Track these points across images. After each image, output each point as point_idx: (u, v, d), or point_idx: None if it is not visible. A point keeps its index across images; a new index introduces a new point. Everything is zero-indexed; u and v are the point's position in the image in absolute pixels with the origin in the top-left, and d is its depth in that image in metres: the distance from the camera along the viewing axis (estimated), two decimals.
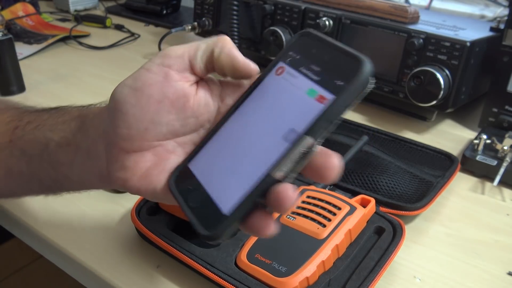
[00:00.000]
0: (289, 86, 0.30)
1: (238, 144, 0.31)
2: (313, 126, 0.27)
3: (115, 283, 0.42)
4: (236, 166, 0.30)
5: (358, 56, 0.27)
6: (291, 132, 0.28)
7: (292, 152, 0.27)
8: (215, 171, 0.31)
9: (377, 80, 0.72)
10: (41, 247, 0.48)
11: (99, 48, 0.99)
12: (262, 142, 0.29)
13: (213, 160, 0.32)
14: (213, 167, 0.31)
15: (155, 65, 0.32)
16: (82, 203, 0.51)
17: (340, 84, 0.27)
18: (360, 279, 0.40)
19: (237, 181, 0.29)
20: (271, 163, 0.28)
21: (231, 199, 0.28)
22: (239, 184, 0.29)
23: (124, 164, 0.32)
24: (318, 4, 0.78)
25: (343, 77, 0.27)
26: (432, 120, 0.73)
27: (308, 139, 0.27)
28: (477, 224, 0.52)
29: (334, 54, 0.29)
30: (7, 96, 0.76)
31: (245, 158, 0.30)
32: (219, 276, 0.39)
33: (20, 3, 1.09)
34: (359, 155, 0.57)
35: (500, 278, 0.45)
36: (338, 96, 0.27)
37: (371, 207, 0.46)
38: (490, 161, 0.58)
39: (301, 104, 0.29)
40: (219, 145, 0.32)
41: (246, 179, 0.28)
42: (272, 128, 0.29)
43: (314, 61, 0.30)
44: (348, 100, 0.27)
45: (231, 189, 0.29)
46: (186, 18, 1.19)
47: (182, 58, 0.32)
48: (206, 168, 0.32)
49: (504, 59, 0.65)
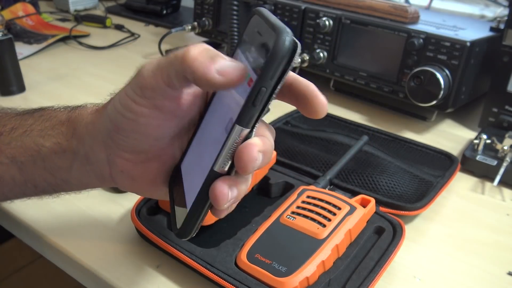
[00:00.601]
0: None
1: (202, 142, 0.31)
2: (240, 114, 0.25)
3: (115, 283, 0.42)
4: (200, 162, 0.30)
5: (277, 27, 0.24)
6: (229, 123, 0.27)
7: (226, 145, 0.26)
8: (190, 169, 0.32)
9: (377, 80, 0.72)
10: (41, 247, 0.48)
11: (99, 48, 0.99)
12: (213, 137, 0.29)
13: (191, 158, 0.32)
14: (189, 166, 0.32)
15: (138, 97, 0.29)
16: (82, 203, 0.51)
17: (261, 62, 0.25)
18: (360, 279, 0.40)
19: (197, 179, 0.29)
20: (213, 158, 0.27)
21: (192, 197, 0.29)
22: (197, 182, 0.28)
23: (130, 174, 0.33)
24: (318, 4, 0.78)
25: (265, 54, 0.24)
26: (432, 120, 0.73)
27: (237, 127, 0.26)
28: (477, 224, 0.52)
29: (266, 30, 0.25)
30: (7, 96, 0.76)
31: (206, 154, 0.29)
32: (219, 276, 0.39)
33: (20, 3, 1.09)
34: (359, 155, 0.57)
35: (500, 278, 0.45)
36: (259, 76, 0.24)
37: (371, 207, 0.46)
38: (490, 161, 0.58)
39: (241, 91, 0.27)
40: (194, 144, 0.33)
41: (202, 175, 0.28)
42: (220, 122, 0.28)
43: (253, 42, 0.27)
44: (269, 77, 0.24)
45: (194, 186, 0.29)
46: (186, 18, 1.19)
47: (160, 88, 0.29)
48: (187, 167, 0.32)
49: (504, 59, 0.64)
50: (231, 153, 0.26)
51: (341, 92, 0.82)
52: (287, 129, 0.65)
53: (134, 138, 0.31)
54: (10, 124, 0.37)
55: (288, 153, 0.59)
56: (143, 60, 0.94)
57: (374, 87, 0.73)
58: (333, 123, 0.68)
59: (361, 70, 0.74)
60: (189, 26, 0.93)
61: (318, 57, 0.77)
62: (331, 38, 0.75)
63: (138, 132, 0.31)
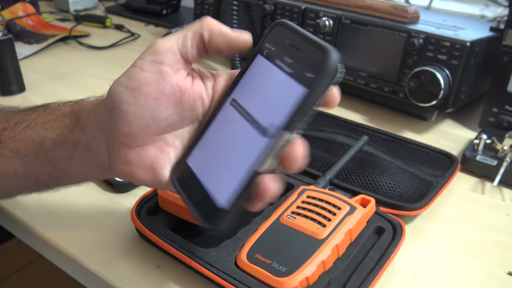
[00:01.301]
0: (266, 79, 0.31)
1: (226, 139, 0.32)
2: (289, 120, 0.28)
3: (115, 283, 0.42)
4: (225, 160, 0.31)
5: (325, 47, 0.28)
6: (270, 127, 0.29)
7: (272, 148, 0.28)
8: (209, 166, 0.32)
9: (377, 80, 0.72)
10: (41, 247, 0.48)
11: (99, 48, 0.99)
12: (245, 138, 0.30)
13: (207, 155, 0.33)
14: (207, 162, 0.32)
15: (147, 62, 0.32)
16: (82, 203, 0.51)
17: (311, 76, 0.28)
18: (360, 279, 0.40)
19: (228, 176, 0.30)
20: (254, 159, 0.29)
21: (224, 193, 0.30)
22: (229, 179, 0.30)
23: (127, 158, 0.33)
24: (318, 4, 0.78)
25: (313, 69, 0.28)
26: (432, 120, 0.73)
27: (285, 133, 0.28)
28: (477, 224, 0.52)
29: (303, 44, 0.30)
30: (7, 96, 0.76)
31: (233, 153, 0.31)
32: (219, 276, 0.39)
33: (20, 3, 1.09)
34: (359, 155, 0.57)
35: (500, 278, 0.45)
36: (310, 88, 0.28)
37: (371, 207, 0.46)
38: (490, 161, 0.58)
39: (276, 97, 0.30)
40: (210, 140, 0.33)
41: (235, 173, 0.30)
42: (253, 123, 0.30)
43: (286, 52, 0.30)
44: (320, 91, 0.28)
45: (223, 183, 0.30)
46: (186, 18, 1.19)
47: (172, 51, 0.32)
48: (201, 163, 0.33)
49: (504, 59, 0.64)
50: (275, 155, 0.29)
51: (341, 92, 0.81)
52: None
53: (132, 113, 0.32)
54: (14, 119, 0.38)
55: None
56: None
57: (374, 87, 0.73)
58: (333, 123, 0.68)
59: (361, 70, 0.74)
60: None
61: None
62: (331, 38, 0.75)
63: (136, 105, 0.31)
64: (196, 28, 0.32)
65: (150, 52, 0.32)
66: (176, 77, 0.32)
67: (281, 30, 0.32)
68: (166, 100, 0.32)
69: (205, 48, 0.33)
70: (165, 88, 0.32)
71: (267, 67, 0.32)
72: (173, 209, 0.45)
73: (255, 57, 0.33)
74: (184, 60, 0.33)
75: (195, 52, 0.33)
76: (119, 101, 0.32)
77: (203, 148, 0.33)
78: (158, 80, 0.31)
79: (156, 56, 0.32)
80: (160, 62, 0.32)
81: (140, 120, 0.32)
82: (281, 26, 0.32)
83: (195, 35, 0.32)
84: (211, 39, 0.32)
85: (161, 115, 0.32)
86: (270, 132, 0.29)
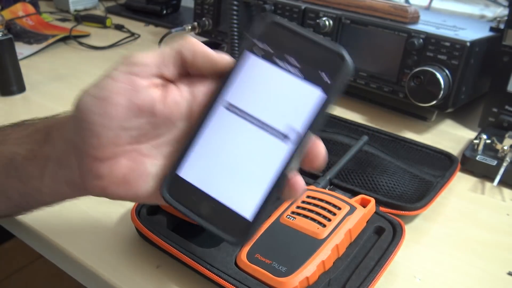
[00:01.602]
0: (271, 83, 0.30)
1: (233, 148, 0.30)
2: (313, 123, 0.29)
3: (115, 283, 0.42)
4: (241, 171, 0.30)
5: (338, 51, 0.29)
6: (291, 130, 0.29)
7: (300, 150, 0.29)
8: (217, 177, 0.30)
9: (377, 80, 0.72)
10: (41, 247, 0.48)
11: (99, 48, 0.99)
12: (262, 145, 0.30)
13: (209, 166, 0.31)
14: (212, 174, 0.31)
15: (120, 73, 0.30)
16: (82, 203, 0.51)
17: (328, 79, 0.29)
18: (360, 279, 0.40)
19: (249, 185, 0.30)
20: (282, 164, 0.29)
21: (249, 204, 0.29)
22: (252, 188, 0.29)
23: (98, 172, 0.31)
24: (318, 4, 0.78)
25: (329, 71, 0.29)
26: (432, 120, 0.73)
27: (311, 135, 0.29)
28: (477, 224, 0.52)
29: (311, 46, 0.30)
30: (7, 96, 0.76)
31: (250, 162, 0.30)
32: (219, 276, 0.39)
33: (20, 3, 1.09)
34: (359, 155, 0.57)
35: (500, 278, 0.45)
36: (328, 91, 0.29)
37: (371, 207, 0.46)
38: (490, 161, 0.58)
39: (291, 101, 0.30)
40: (209, 150, 0.31)
41: (258, 181, 0.29)
42: (268, 129, 0.30)
43: (292, 54, 0.30)
44: (338, 93, 0.29)
45: (244, 193, 0.30)
46: (186, 18, 1.19)
47: (149, 66, 0.31)
48: (204, 175, 0.31)
49: (504, 59, 0.64)
50: (301, 156, 0.30)
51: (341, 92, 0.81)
52: None
53: (100, 124, 0.30)
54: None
55: None
56: None
57: (374, 87, 0.73)
58: (333, 123, 0.68)
59: (361, 70, 0.74)
60: (189, 26, 0.93)
61: None
62: (331, 38, 0.75)
63: (105, 115, 0.30)
64: (177, 46, 0.31)
65: (126, 63, 0.31)
66: (149, 88, 0.31)
67: (276, 28, 0.30)
68: (137, 110, 0.30)
69: (185, 68, 0.32)
70: (137, 99, 0.30)
71: (267, 69, 0.30)
72: (173, 209, 0.45)
73: (244, 56, 0.31)
74: (160, 76, 0.31)
75: (173, 69, 0.31)
76: (86, 111, 0.30)
77: (201, 158, 0.31)
78: (129, 90, 0.30)
79: (132, 68, 0.31)
80: (133, 74, 0.30)
81: (109, 130, 0.30)
82: (275, 25, 0.30)
83: (176, 53, 0.31)
84: (193, 59, 0.31)
85: (131, 124, 0.31)
86: (293, 137, 0.29)
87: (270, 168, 0.29)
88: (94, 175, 0.31)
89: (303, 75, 0.29)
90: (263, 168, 0.30)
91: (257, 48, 0.31)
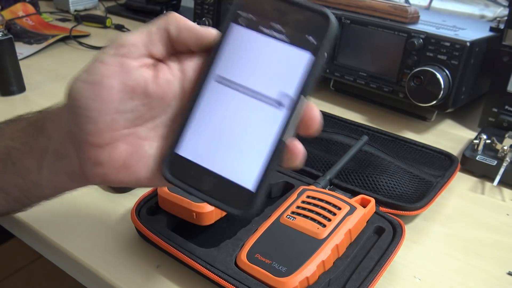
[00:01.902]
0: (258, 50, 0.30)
1: (228, 121, 0.30)
2: (305, 86, 0.29)
3: (115, 283, 0.42)
4: (238, 142, 0.30)
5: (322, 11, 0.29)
6: (284, 97, 0.29)
7: (295, 115, 0.29)
8: (215, 152, 0.31)
9: (377, 80, 0.72)
10: (41, 247, 0.48)
11: (99, 48, 0.99)
12: (257, 114, 0.30)
13: (206, 141, 0.31)
14: (210, 149, 0.31)
15: (109, 56, 0.30)
16: (82, 203, 0.51)
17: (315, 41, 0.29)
18: (360, 279, 0.40)
19: (247, 156, 0.29)
20: (278, 131, 0.29)
21: (251, 175, 0.29)
22: (250, 158, 0.29)
23: (98, 159, 0.31)
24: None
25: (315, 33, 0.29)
26: (432, 120, 0.73)
27: (304, 99, 0.29)
28: (477, 224, 0.52)
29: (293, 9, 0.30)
30: (7, 96, 0.76)
31: (245, 132, 0.30)
32: (219, 276, 0.39)
33: (20, 3, 1.09)
34: (359, 155, 0.57)
35: (500, 278, 0.45)
36: (316, 53, 0.29)
37: (371, 207, 0.46)
38: (490, 161, 0.58)
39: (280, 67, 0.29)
40: (204, 125, 0.31)
41: (257, 151, 0.29)
42: (261, 97, 0.30)
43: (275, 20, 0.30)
44: (326, 54, 0.29)
45: (244, 165, 0.30)
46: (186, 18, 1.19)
47: (136, 46, 0.30)
48: (202, 151, 0.31)
49: (504, 59, 0.65)
50: (297, 121, 0.29)
51: (341, 92, 0.82)
52: None
53: (95, 109, 0.30)
54: None
55: None
56: None
57: (374, 87, 0.73)
58: (333, 123, 0.68)
59: (361, 70, 0.74)
60: None
61: None
62: None
63: (98, 100, 0.30)
64: (162, 23, 0.31)
65: (114, 46, 0.31)
66: (140, 69, 0.30)
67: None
68: (131, 91, 0.30)
69: (172, 45, 0.31)
70: (128, 80, 0.30)
71: (254, 38, 0.30)
72: (173, 209, 0.45)
73: (230, 28, 0.31)
74: (149, 55, 0.31)
75: (161, 47, 0.31)
76: (79, 97, 0.30)
77: (197, 135, 0.31)
78: (120, 72, 0.30)
79: (120, 49, 0.30)
80: (123, 55, 0.30)
81: (104, 115, 0.30)
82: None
83: (160, 30, 0.31)
84: (179, 34, 0.31)
85: (126, 107, 0.30)
86: (286, 102, 0.29)
87: (267, 136, 0.29)
88: (94, 162, 0.31)
89: (290, 40, 0.29)
90: (260, 138, 0.29)
91: (242, 18, 0.31)
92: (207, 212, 0.44)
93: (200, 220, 0.44)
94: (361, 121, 0.71)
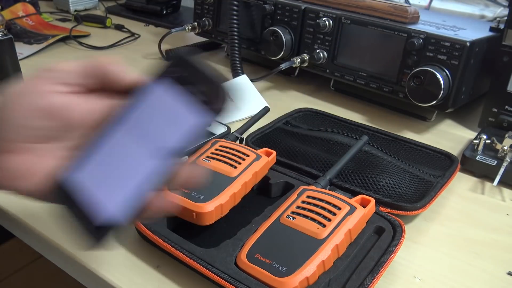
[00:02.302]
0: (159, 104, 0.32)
1: (117, 161, 0.32)
2: (177, 145, 0.30)
3: (115, 283, 0.42)
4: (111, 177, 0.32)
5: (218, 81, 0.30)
6: (161, 150, 0.31)
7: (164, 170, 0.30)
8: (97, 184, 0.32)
9: (377, 80, 0.72)
10: (41, 247, 0.48)
11: (99, 48, 0.99)
12: (135, 159, 0.31)
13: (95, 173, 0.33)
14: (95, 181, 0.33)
15: (34, 76, 0.32)
16: None
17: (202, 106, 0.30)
18: (360, 279, 0.40)
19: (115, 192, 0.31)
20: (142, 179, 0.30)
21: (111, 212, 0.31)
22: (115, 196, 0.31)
23: (5, 165, 0.32)
24: (318, 4, 0.78)
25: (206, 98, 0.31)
26: (432, 120, 0.73)
27: (173, 158, 0.30)
28: (477, 224, 0.52)
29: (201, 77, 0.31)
30: None
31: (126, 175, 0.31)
32: (219, 276, 0.39)
33: (20, 3, 1.09)
34: (359, 155, 0.57)
35: (500, 278, 0.45)
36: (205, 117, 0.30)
37: (371, 207, 0.46)
38: (490, 161, 0.58)
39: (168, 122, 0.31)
40: (99, 160, 0.33)
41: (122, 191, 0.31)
42: (145, 143, 0.31)
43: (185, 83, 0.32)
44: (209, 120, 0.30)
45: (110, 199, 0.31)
46: (186, 18, 1.19)
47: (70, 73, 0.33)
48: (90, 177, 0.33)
49: (504, 59, 0.65)
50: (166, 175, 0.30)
51: (341, 92, 0.82)
52: (287, 129, 0.65)
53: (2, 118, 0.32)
54: None
55: (288, 153, 0.59)
56: (143, 60, 0.94)
57: (374, 87, 0.73)
58: (333, 123, 0.68)
59: (361, 70, 0.74)
60: (189, 26, 0.93)
61: (318, 57, 0.77)
62: (331, 38, 0.75)
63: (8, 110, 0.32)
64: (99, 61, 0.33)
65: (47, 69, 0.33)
66: (60, 94, 0.32)
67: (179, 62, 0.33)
68: (42, 111, 0.32)
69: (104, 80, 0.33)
70: (41, 102, 0.32)
71: (162, 93, 0.32)
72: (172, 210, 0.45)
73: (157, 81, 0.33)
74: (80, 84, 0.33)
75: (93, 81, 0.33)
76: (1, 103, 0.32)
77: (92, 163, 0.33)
78: (32, 93, 0.32)
79: (48, 73, 0.33)
80: (46, 79, 0.32)
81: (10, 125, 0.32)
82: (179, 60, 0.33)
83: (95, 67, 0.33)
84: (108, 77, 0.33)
85: (34, 124, 0.32)
86: (160, 153, 0.30)
87: (134, 179, 0.31)
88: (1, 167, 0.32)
89: (185, 100, 0.31)
90: (129, 179, 0.31)
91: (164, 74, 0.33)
92: (207, 212, 0.44)
93: (200, 220, 0.44)
94: (361, 121, 0.71)
